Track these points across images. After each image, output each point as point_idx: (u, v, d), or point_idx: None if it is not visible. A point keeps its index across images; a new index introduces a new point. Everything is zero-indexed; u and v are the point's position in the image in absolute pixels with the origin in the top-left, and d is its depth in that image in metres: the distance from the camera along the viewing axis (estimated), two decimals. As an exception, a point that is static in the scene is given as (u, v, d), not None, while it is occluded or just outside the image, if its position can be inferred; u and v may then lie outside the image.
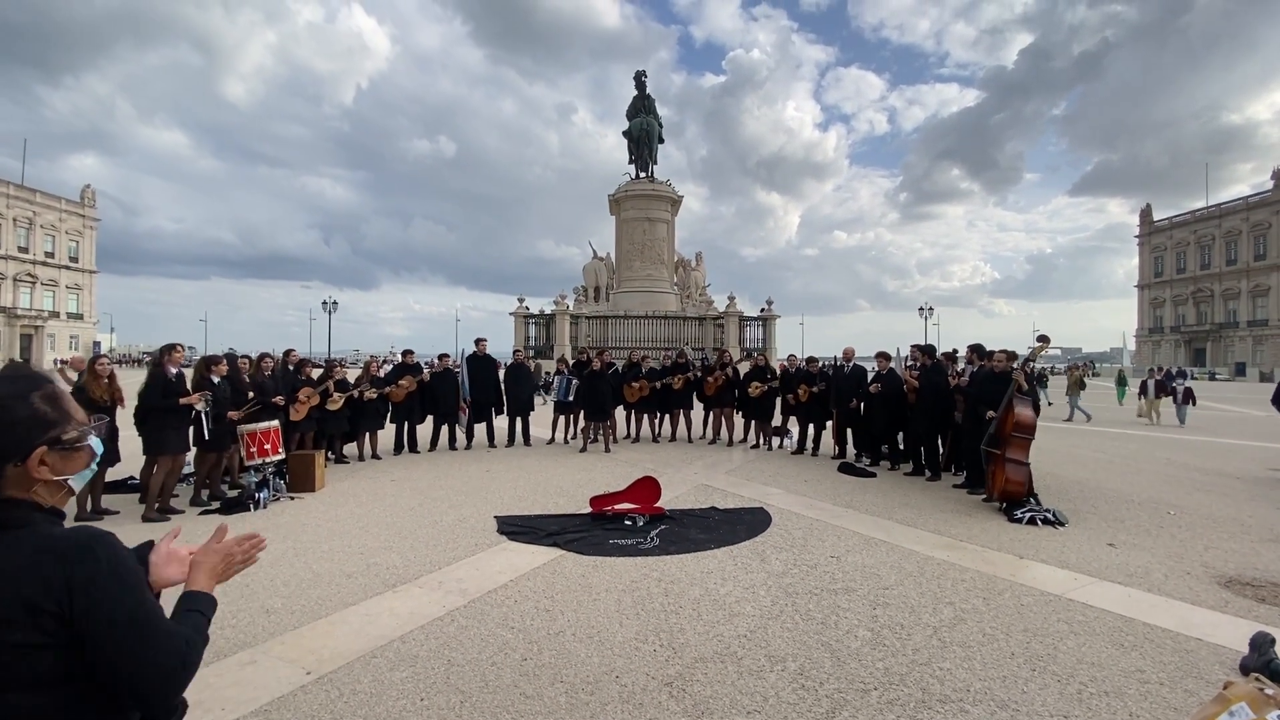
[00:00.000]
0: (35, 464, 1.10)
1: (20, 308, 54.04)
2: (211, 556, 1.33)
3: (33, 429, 1.10)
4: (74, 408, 1.19)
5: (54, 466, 1.13)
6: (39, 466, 1.10)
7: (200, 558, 1.32)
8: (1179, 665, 3.38)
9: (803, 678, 3.21)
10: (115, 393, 6.39)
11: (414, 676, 3.19)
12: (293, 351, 9.85)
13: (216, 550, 1.34)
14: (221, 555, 1.34)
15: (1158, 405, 16.83)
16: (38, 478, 1.11)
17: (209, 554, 1.33)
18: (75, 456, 1.16)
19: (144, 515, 6.21)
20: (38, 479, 1.11)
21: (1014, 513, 6.33)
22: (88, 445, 1.19)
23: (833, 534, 5.80)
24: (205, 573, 1.30)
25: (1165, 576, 4.76)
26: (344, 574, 4.64)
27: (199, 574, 1.30)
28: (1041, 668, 3.33)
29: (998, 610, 4.08)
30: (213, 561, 1.32)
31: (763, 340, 28.97)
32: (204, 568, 1.31)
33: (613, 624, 3.83)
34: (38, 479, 1.11)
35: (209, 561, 1.32)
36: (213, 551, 1.33)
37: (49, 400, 1.14)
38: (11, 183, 54.37)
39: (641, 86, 32.63)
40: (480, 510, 6.55)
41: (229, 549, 1.35)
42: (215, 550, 1.34)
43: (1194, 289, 63.78)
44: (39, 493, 1.13)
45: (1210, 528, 6.16)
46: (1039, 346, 7.45)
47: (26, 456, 1.09)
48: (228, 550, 1.35)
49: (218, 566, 1.33)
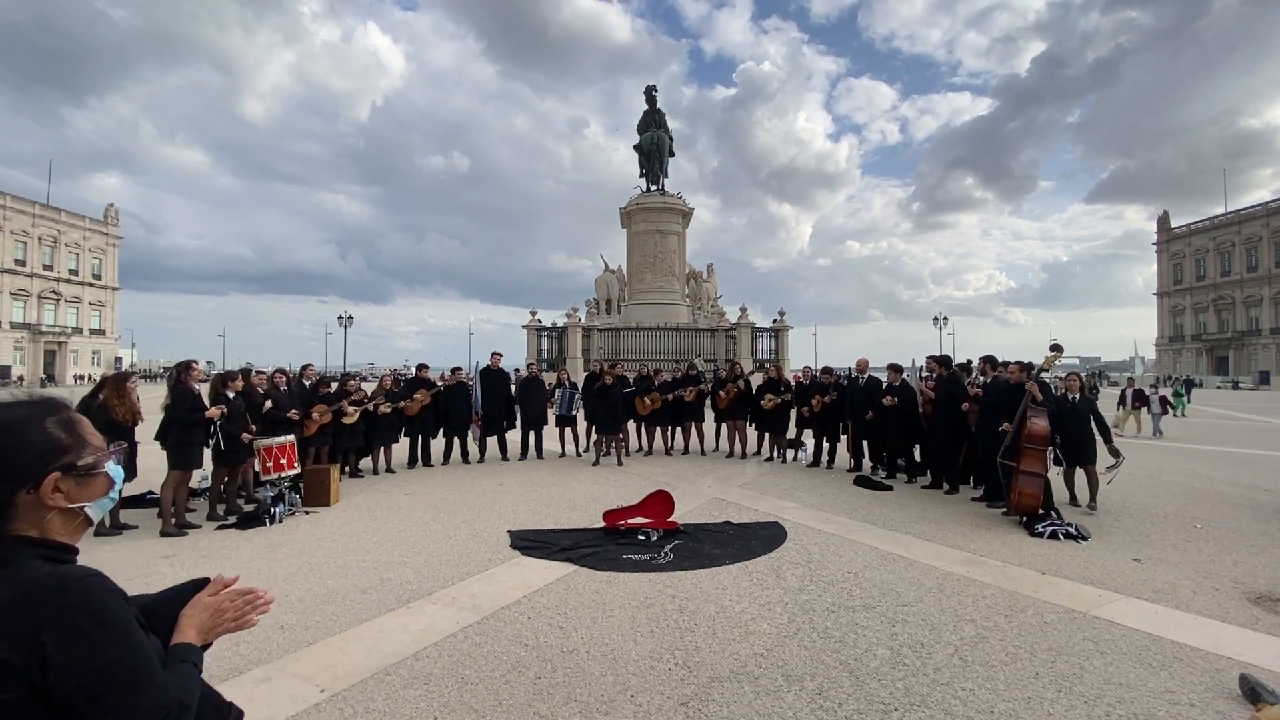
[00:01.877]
0: (49, 490, 1.07)
1: (44, 324, 55.27)
2: (199, 611, 1.25)
3: (46, 454, 1.08)
4: (91, 433, 1.17)
5: (69, 493, 1.10)
6: (53, 493, 1.08)
7: (189, 610, 1.25)
8: (1210, 686, 3.27)
9: (821, 698, 3.15)
10: (135, 410, 6.48)
11: (428, 695, 3.17)
12: (309, 367, 9.96)
13: (206, 604, 1.26)
14: (210, 611, 1.26)
15: (1135, 416, 16.59)
16: (52, 505, 1.08)
17: (196, 608, 1.25)
18: (91, 483, 1.14)
19: (162, 530, 6.27)
20: (52, 506, 1.08)
21: (1035, 527, 6.21)
22: (104, 472, 1.16)
23: (850, 549, 5.72)
24: (191, 627, 1.22)
25: (1193, 593, 4.64)
26: (358, 589, 4.65)
27: (186, 627, 1.22)
28: (1067, 688, 3.25)
29: (1020, 628, 3.99)
30: (200, 617, 1.24)
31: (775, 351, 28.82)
32: (191, 621, 1.23)
33: (627, 641, 3.79)
34: (52, 506, 1.08)
35: (196, 616, 1.24)
36: (202, 606, 1.26)
37: (64, 425, 1.12)
38: (37, 202, 55.86)
39: (652, 101, 32.88)
40: (493, 524, 6.54)
41: (219, 604, 1.27)
42: (205, 604, 1.26)
43: (1215, 296, 62.78)
44: (53, 522, 1.09)
45: (1238, 542, 6.00)
46: (1052, 356, 7.36)
47: (40, 482, 1.06)
48: (218, 605, 1.27)
49: (204, 622, 1.25)
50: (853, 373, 10.32)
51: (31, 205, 55.08)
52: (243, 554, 5.59)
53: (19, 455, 1.05)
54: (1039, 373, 7.18)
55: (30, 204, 55.03)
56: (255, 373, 8.69)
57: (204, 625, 1.24)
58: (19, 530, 1.06)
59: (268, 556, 5.49)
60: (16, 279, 53.22)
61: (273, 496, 6.83)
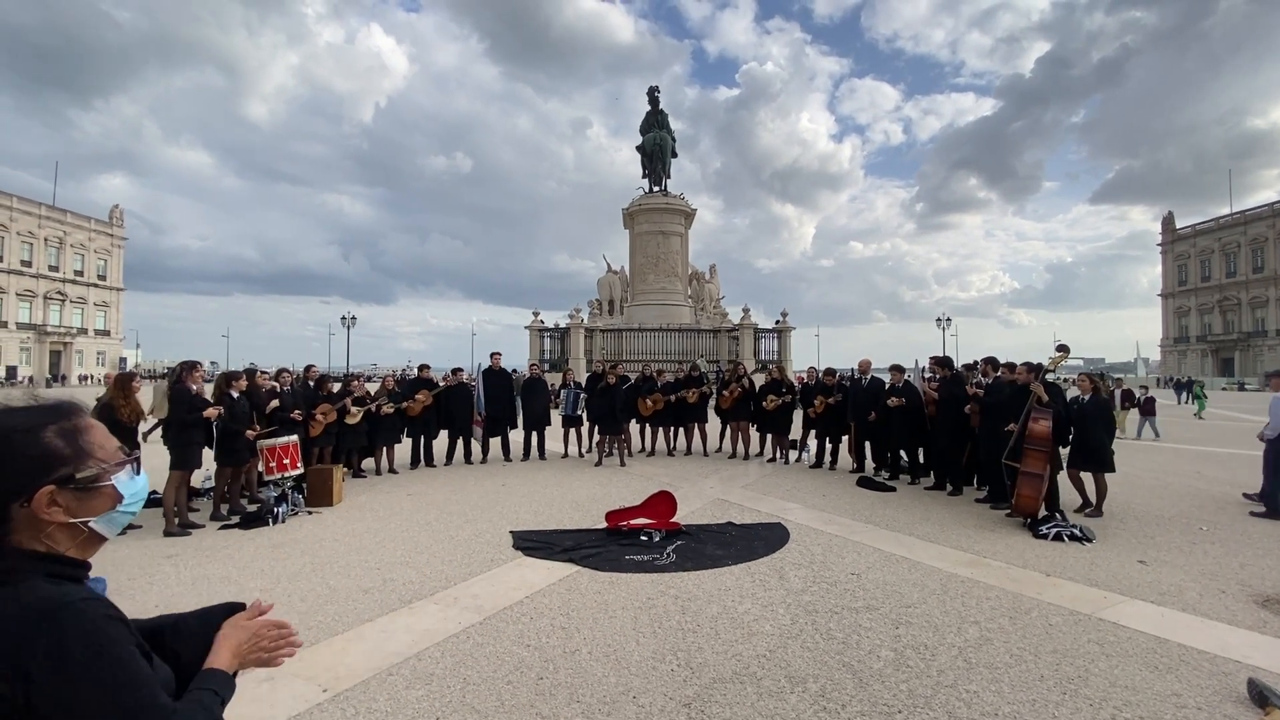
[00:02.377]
0: (43, 505, 0.98)
1: (50, 325, 55.55)
2: (240, 632, 1.18)
3: (39, 465, 0.99)
4: (97, 444, 1.07)
5: (68, 508, 1.01)
6: (49, 508, 0.99)
7: (228, 631, 1.17)
8: (1216, 689, 3.25)
9: (824, 700, 3.14)
10: (139, 410, 6.50)
11: (430, 695, 3.17)
12: (313, 367, 9.98)
13: (246, 627, 1.19)
14: (250, 634, 1.19)
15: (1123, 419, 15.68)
16: (48, 520, 0.99)
17: (237, 629, 1.18)
18: (93, 497, 1.04)
19: (165, 530, 6.28)
20: (49, 521, 0.99)
21: (1039, 529, 6.18)
22: (110, 485, 1.06)
23: (853, 550, 5.70)
24: (227, 649, 1.15)
25: (1200, 595, 4.61)
26: (361, 590, 4.65)
27: (223, 649, 1.15)
28: (1073, 691, 3.23)
29: (1025, 630, 3.97)
30: (240, 639, 1.17)
31: (778, 352, 28.80)
32: (229, 643, 1.16)
33: (629, 642, 3.78)
34: (49, 521, 0.99)
35: (234, 637, 1.17)
36: (242, 628, 1.19)
37: (65, 435, 1.03)
38: (43, 204, 56.20)
39: (654, 102, 32.92)
40: (496, 525, 6.54)
41: (258, 630, 1.20)
42: (245, 626, 1.19)
43: (1220, 297, 62.49)
44: (56, 537, 1.01)
45: (1245, 544, 5.97)
46: (1057, 357, 7.33)
47: (31, 496, 0.97)
48: (257, 630, 1.20)
49: (244, 645, 1.17)
50: (855, 374, 10.29)
51: (37, 206, 55.41)
52: (246, 554, 5.60)
53: (7, 467, 0.98)
54: (1045, 374, 7.15)
55: (36, 205, 55.35)
56: (259, 373, 8.70)
57: (240, 648, 1.17)
58: (23, 544, 0.99)
59: (271, 556, 5.50)
60: (23, 280, 53.51)
61: (276, 496, 6.84)
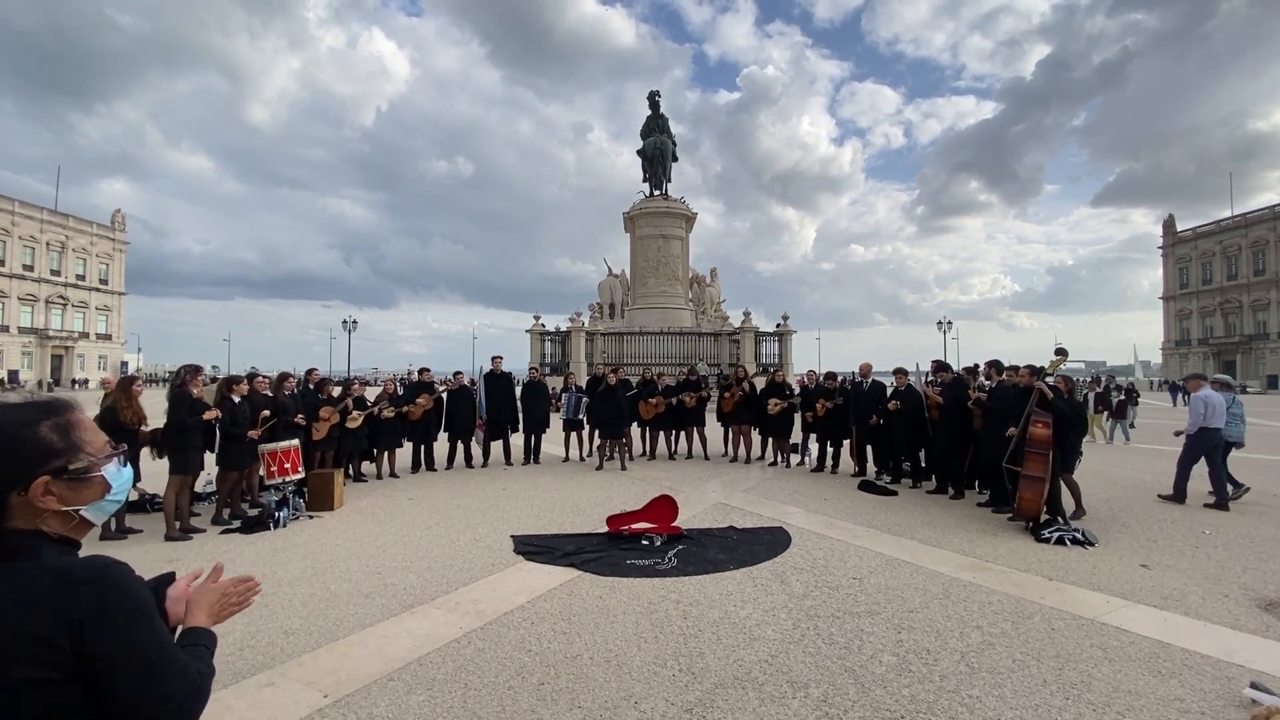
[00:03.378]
0: (39, 493, 1.07)
1: (52, 329, 55.60)
2: (209, 594, 1.34)
3: (35, 457, 1.08)
4: (88, 438, 1.15)
5: (62, 497, 1.10)
6: (44, 496, 1.08)
7: (197, 595, 1.33)
8: (1220, 694, 3.24)
9: (826, 705, 3.13)
10: (140, 413, 6.50)
11: (431, 700, 3.16)
12: (314, 371, 9.98)
13: (213, 589, 1.35)
14: (218, 594, 1.35)
15: (1099, 421, 15.12)
16: (43, 508, 1.08)
17: (206, 592, 1.34)
18: (85, 487, 1.13)
19: (166, 535, 6.28)
20: (44, 509, 1.08)
21: (1041, 532, 6.17)
22: (100, 476, 1.15)
23: (854, 554, 5.69)
24: (204, 610, 1.31)
25: (1203, 599, 4.59)
26: (362, 594, 4.64)
27: (197, 610, 1.31)
28: (1076, 696, 3.22)
29: (1028, 635, 3.96)
30: (210, 600, 1.33)
31: (779, 356, 28.78)
32: (202, 605, 1.32)
33: (630, 647, 3.77)
34: (44, 509, 1.08)
35: (206, 599, 1.33)
36: (209, 590, 1.35)
37: (59, 429, 1.11)
38: (45, 208, 56.30)
39: (655, 106, 32.97)
40: (497, 529, 6.53)
41: (225, 588, 1.37)
42: (212, 589, 1.35)
43: (1221, 300, 62.38)
44: (50, 524, 1.10)
45: (1247, 547, 5.95)
46: (1057, 360, 7.33)
47: (28, 485, 1.06)
48: (223, 590, 1.36)
49: (214, 605, 1.34)
50: (856, 377, 10.29)
51: (40, 211, 55.51)
52: (246, 558, 5.59)
53: (8, 458, 1.06)
54: (1044, 377, 7.15)
55: (38, 210, 55.46)
56: (260, 377, 8.71)
57: (214, 608, 1.33)
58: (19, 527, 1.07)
59: (271, 561, 5.49)
60: (24, 284, 53.58)
61: (277, 501, 6.84)
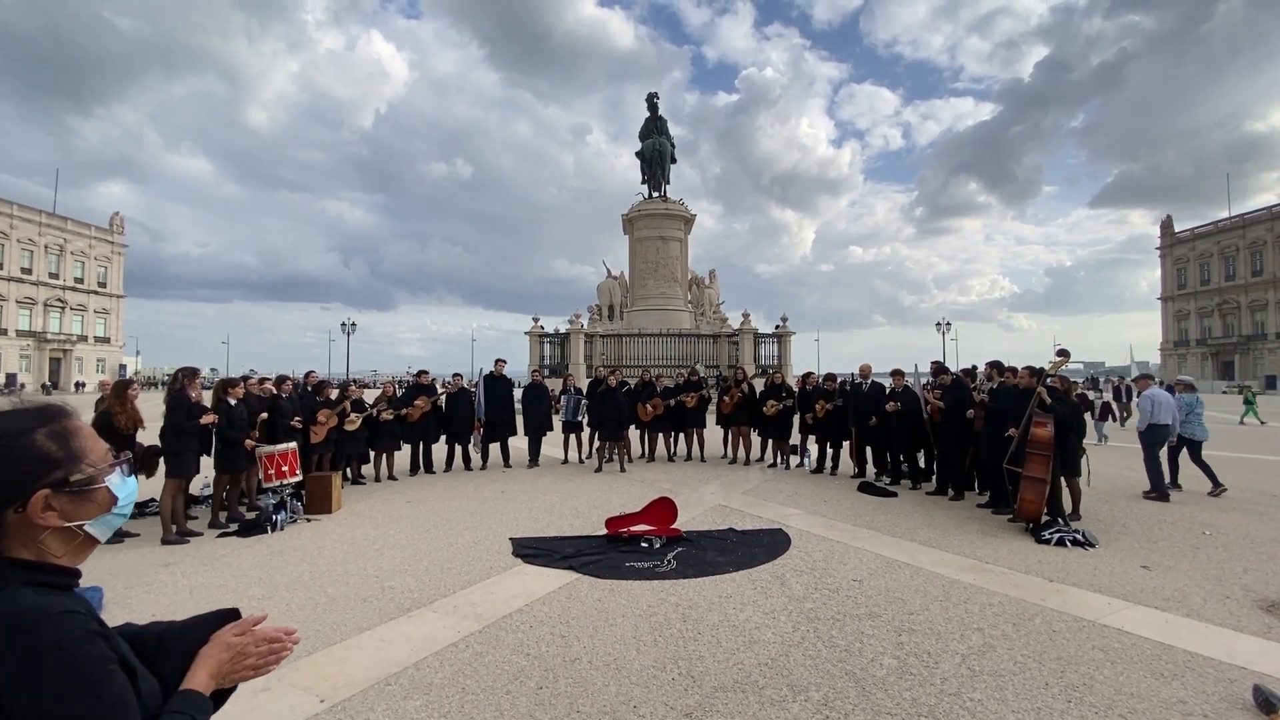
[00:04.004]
0: (38, 509, 0.97)
1: (50, 332, 55.51)
2: (219, 651, 1.13)
3: (32, 470, 0.98)
4: (88, 446, 1.06)
5: (63, 511, 1.00)
6: (44, 512, 0.98)
7: (209, 650, 1.13)
8: (1223, 696, 3.22)
9: (827, 709, 3.11)
10: (136, 417, 6.47)
11: (428, 705, 3.14)
12: (313, 373, 9.96)
13: (229, 645, 1.14)
14: (232, 652, 1.13)
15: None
16: (43, 524, 0.98)
17: (216, 647, 1.13)
18: (88, 500, 1.03)
19: (163, 539, 6.25)
20: (44, 526, 0.99)
21: (1042, 534, 6.15)
22: (104, 487, 1.05)
23: (854, 556, 5.67)
24: (206, 667, 1.11)
25: (1204, 601, 4.57)
26: (359, 598, 4.61)
27: (199, 669, 1.10)
28: (1077, 699, 3.19)
29: (1029, 637, 3.94)
30: (220, 658, 1.12)
31: (778, 357, 28.78)
32: (206, 662, 1.11)
33: (629, 651, 3.75)
34: (44, 526, 0.99)
35: (214, 657, 1.12)
36: (223, 645, 1.14)
37: (56, 437, 1.02)
38: (44, 211, 56.23)
39: (654, 108, 33.02)
40: (495, 532, 6.50)
41: (243, 646, 1.14)
42: (226, 644, 1.14)
43: (1219, 301, 62.47)
44: (49, 543, 1.00)
45: (1248, 549, 5.93)
46: (1058, 361, 7.32)
47: (26, 501, 0.97)
48: (241, 648, 1.14)
49: (223, 665, 1.12)
50: (856, 378, 10.28)
51: (38, 214, 55.45)
52: (244, 562, 5.56)
53: (1, 471, 0.97)
54: (1045, 379, 7.14)
55: (37, 213, 55.39)
56: (259, 380, 8.68)
57: (221, 667, 1.12)
58: (13, 553, 0.97)
59: (269, 564, 5.46)
60: (23, 287, 53.49)
61: (274, 504, 6.81)
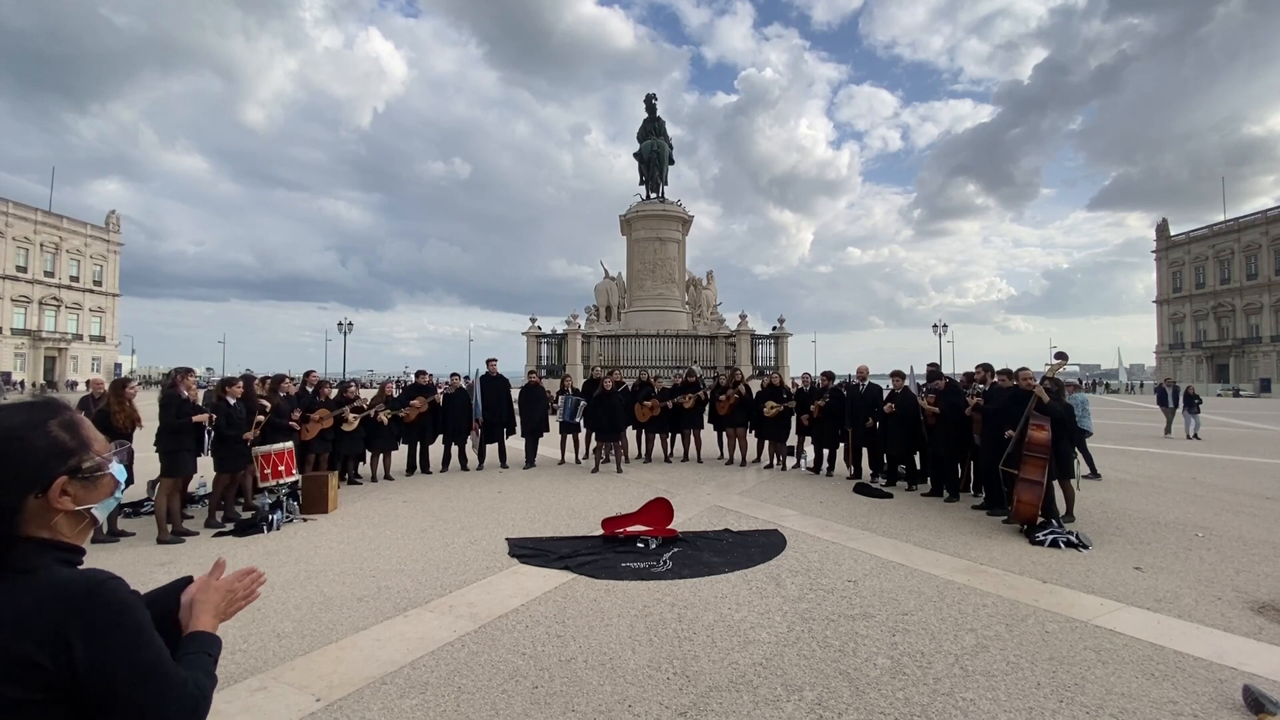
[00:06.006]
0: (57, 494, 1.07)
1: (45, 330, 55.32)
2: (213, 594, 1.28)
3: (52, 458, 1.08)
4: (93, 435, 1.16)
5: (76, 496, 1.10)
6: (61, 497, 1.08)
7: (201, 596, 1.27)
8: (1213, 696, 3.25)
9: (820, 708, 3.13)
10: (134, 416, 6.47)
11: (424, 704, 3.15)
12: (312, 373, 9.95)
13: (217, 587, 1.30)
14: (223, 592, 1.30)
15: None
16: (59, 508, 1.08)
17: (209, 592, 1.28)
18: (97, 485, 1.14)
19: (158, 538, 6.24)
20: (60, 510, 1.08)
21: (1036, 535, 6.18)
22: (109, 473, 1.16)
23: (849, 557, 5.69)
24: (208, 612, 1.26)
25: (1196, 602, 4.61)
26: (355, 597, 4.62)
27: (201, 613, 1.25)
28: (1069, 699, 3.22)
29: (1021, 637, 3.96)
30: (214, 600, 1.28)
31: (775, 359, 28.84)
32: (206, 606, 1.26)
33: (625, 650, 3.76)
34: (60, 510, 1.08)
35: (210, 600, 1.27)
36: (213, 589, 1.29)
37: (67, 428, 1.12)
38: (39, 209, 56.05)
39: (652, 109, 33.09)
40: (491, 532, 6.51)
41: (230, 585, 1.31)
42: (216, 588, 1.30)
43: (1214, 304, 62.78)
44: (60, 525, 1.10)
45: (1240, 550, 5.97)
46: (1056, 364, 7.37)
47: (48, 487, 1.06)
48: (228, 587, 1.31)
49: (220, 604, 1.28)
50: (853, 379, 10.30)
51: (33, 212, 55.26)
52: (240, 561, 5.54)
53: (25, 461, 1.06)
54: (1044, 381, 7.18)
55: (32, 210, 55.21)
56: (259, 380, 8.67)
57: (219, 608, 1.28)
58: (30, 533, 1.06)
59: (265, 564, 5.46)
60: (18, 285, 53.30)
61: (271, 504, 6.81)
